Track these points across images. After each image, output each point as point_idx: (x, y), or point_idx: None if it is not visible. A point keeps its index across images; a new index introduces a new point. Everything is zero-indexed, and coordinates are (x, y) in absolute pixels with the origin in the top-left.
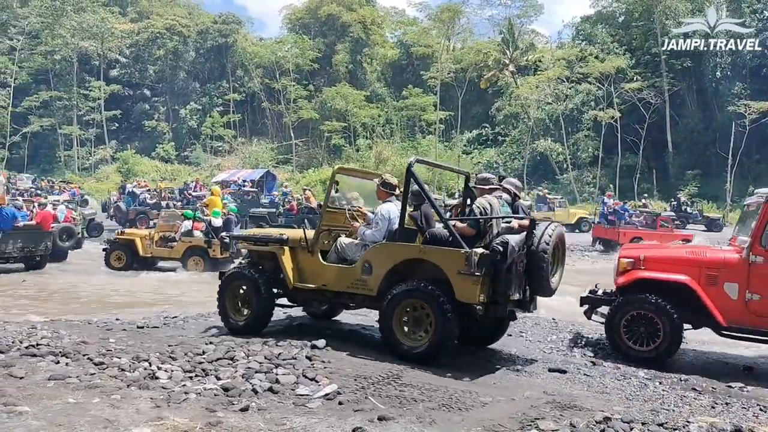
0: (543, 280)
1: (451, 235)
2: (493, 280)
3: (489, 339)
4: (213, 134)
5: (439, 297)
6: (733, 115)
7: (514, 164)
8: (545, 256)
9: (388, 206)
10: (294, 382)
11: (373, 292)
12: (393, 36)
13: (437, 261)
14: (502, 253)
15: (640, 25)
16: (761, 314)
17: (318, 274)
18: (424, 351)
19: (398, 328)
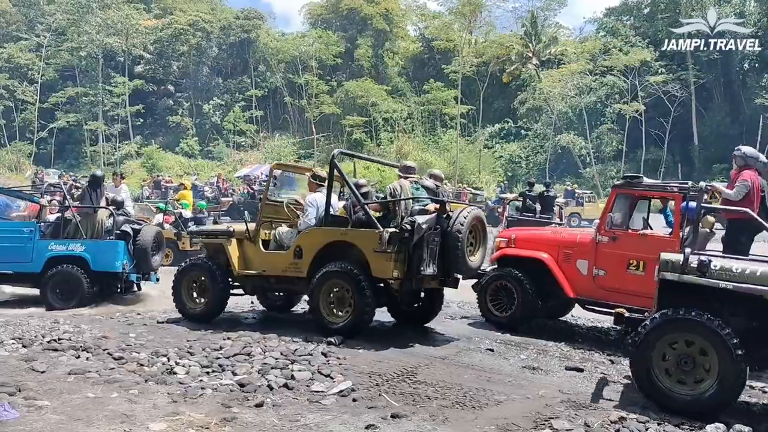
0: (458, 258)
1: (368, 218)
2: (406, 257)
3: (424, 318)
4: (235, 129)
5: (357, 276)
6: (760, 108)
7: (536, 158)
8: (459, 235)
9: (316, 195)
10: (309, 378)
11: (304, 274)
12: (415, 30)
13: (356, 241)
14: (410, 231)
15: (666, 17)
16: (605, 288)
17: (259, 261)
18: (345, 326)
19: (324, 307)
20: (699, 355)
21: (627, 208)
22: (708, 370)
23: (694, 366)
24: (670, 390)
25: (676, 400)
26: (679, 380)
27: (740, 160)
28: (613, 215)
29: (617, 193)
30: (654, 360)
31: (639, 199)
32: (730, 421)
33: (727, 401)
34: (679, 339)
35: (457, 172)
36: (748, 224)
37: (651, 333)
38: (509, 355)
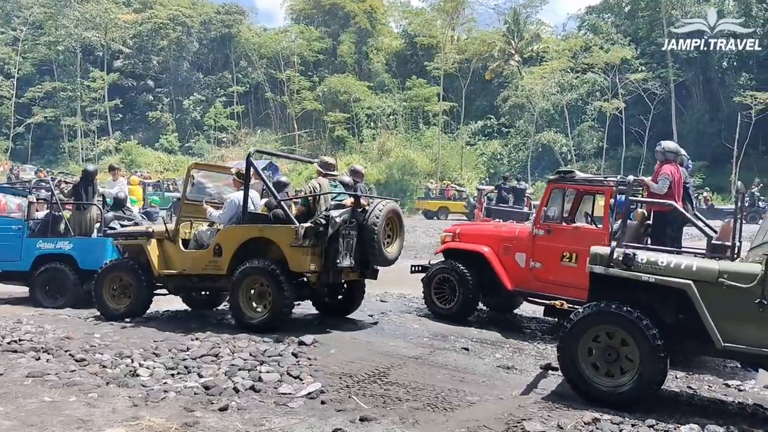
0: (375, 250)
1: (285, 214)
2: (323, 251)
3: (346, 309)
4: (216, 125)
5: (274, 271)
6: (738, 106)
7: (518, 155)
8: (375, 228)
9: (239, 194)
10: (277, 380)
11: (224, 271)
12: (397, 26)
13: (273, 237)
14: (325, 225)
15: (646, 15)
16: (541, 279)
17: (179, 260)
18: (263, 320)
19: (244, 302)
20: (621, 347)
21: (562, 202)
22: (631, 362)
23: (618, 358)
24: (594, 381)
25: (599, 391)
26: (607, 372)
27: (660, 155)
28: (548, 209)
29: (552, 187)
30: (579, 351)
31: (584, 194)
32: (704, 420)
33: (646, 393)
34: (602, 331)
35: (439, 168)
36: (672, 216)
37: (576, 325)
38: (484, 354)
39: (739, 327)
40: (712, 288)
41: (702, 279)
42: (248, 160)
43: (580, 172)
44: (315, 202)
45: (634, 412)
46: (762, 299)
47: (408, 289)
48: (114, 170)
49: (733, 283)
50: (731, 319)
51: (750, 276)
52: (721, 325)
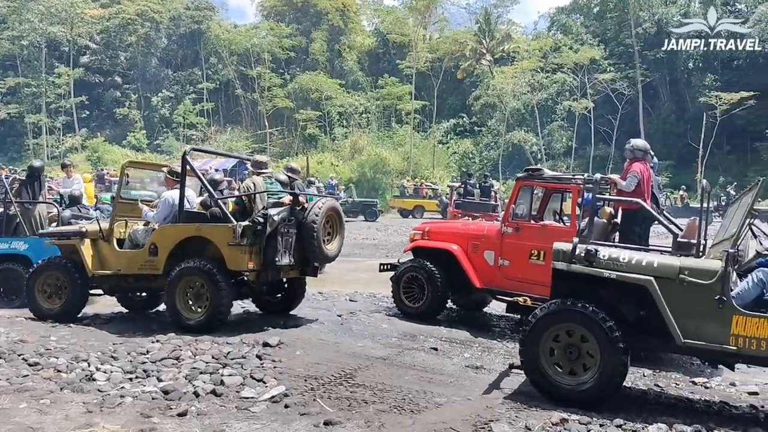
0: (315, 247)
1: (222, 213)
2: (261, 249)
3: (288, 307)
4: (185, 122)
5: (211, 270)
6: (704, 107)
7: (490, 154)
8: (314, 226)
9: (173, 192)
10: (240, 383)
11: (160, 271)
12: (370, 24)
13: (210, 236)
14: (263, 224)
15: (615, 16)
16: (510, 277)
17: (114, 260)
18: (201, 321)
19: (181, 303)
20: (582, 344)
21: (530, 200)
22: (592, 359)
23: (579, 356)
24: (556, 379)
25: (561, 390)
26: (570, 370)
27: (629, 153)
28: (517, 207)
29: (521, 185)
30: (541, 349)
31: (552, 192)
32: (672, 419)
33: (608, 390)
34: (564, 329)
35: (411, 167)
36: (640, 214)
37: (538, 323)
38: (453, 354)
39: (698, 323)
40: (673, 285)
41: (663, 275)
42: (183, 158)
43: (549, 170)
44: (251, 201)
45: (602, 412)
46: (721, 296)
47: (378, 288)
48: (67, 167)
49: (694, 279)
50: (691, 316)
51: (710, 273)
52: (681, 321)
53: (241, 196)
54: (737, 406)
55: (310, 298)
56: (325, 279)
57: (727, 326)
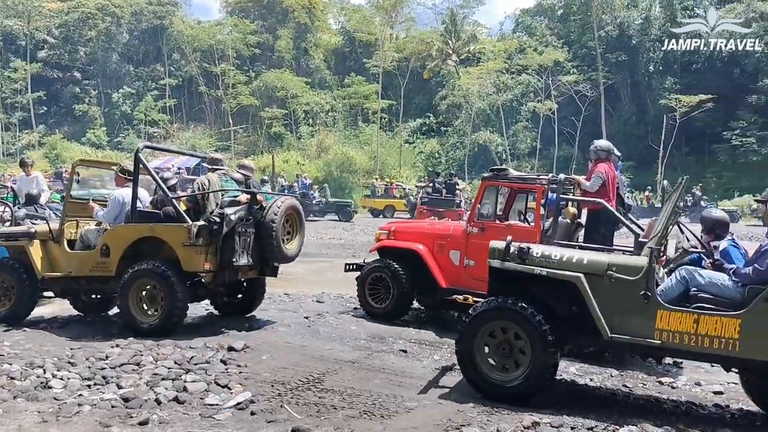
0: (274, 247)
1: (176, 212)
2: (218, 249)
3: (247, 308)
4: (147, 119)
5: (166, 272)
6: (664, 109)
7: (456, 154)
8: (273, 225)
9: (123, 191)
10: (204, 390)
11: (113, 273)
12: (336, 22)
13: (165, 236)
14: (220, 223)
15: (578, 19)
16: (475, 277)
17: (65, 262)
18: (156, 324)
19: (135, 306)
20: (515, 340)
21: (496, 199)
22: (524, 355)
23: (512, 352)
24: (489, 376)
25: (493, 385)
26: (504, 367)
27: (593, 154)
28: (482, 207)
29: (486, 185)
30: (476, 347)
31: (517, 192)
32: (642, 420)
33: (538, 386)
34: (498, 326)
35: (378, 166)
36: (603, 215)
37: (474, 320)
38: (423, 356)
39: (625, 318)
40: (602, 280)
41: (592, 272)
42: (136, 155)
43: (514, 171)
44: (205, 200)
45: (574, 414)
46: (646, 291)
47: (345, 289)
48: (25, 165)
49: (620, 276)
50: (618, 311)
51: (636, 269)
52: (609, 316)
53: (195, 194)
54: (704, 406)
55: (276, 300)
56: (292, 280)
57: (652, 321)
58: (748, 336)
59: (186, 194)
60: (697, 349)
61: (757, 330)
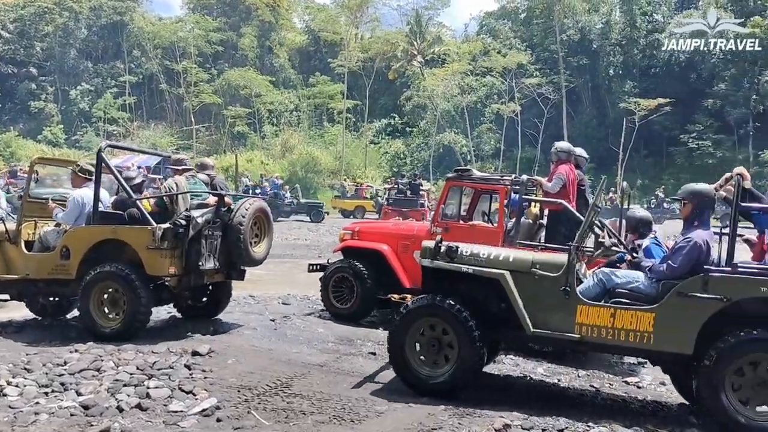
0: (241, 250)
1: (141, 214)
2: (183, 252)
3: (212, 312)
4: (106, 117)
5: (129, 275)
6: (624, 112)
7: (421, 155)
8: (241, 228)
9: (83, 191)
10: (168, 396)
11: (73, 275)
12: (301, 21)
13: (128, 239)
14: (186, 226)
15: (541, 23)
16: None
17: (22, 264)
18: (118, 329)
19: (96, 310)
20: (443, 336)
21: (459, 200)
22: (452, 350)
23: (441, 348)
24: (418, 371)
25: (421, 380)
26: (435, 362)
27: (555, 155)
28: (446, 207)
29: (450, 185)
30: (407, 342)
31: (481, 192)
32: (611, 422)
33: (464, 381)
34: (428, 323)
35: (343, 167)
36: (564, 215)
37: (404, 318)
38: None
39: (547, 313)
40: (526, 277)
41: (517, 269)
42: (98, 154)
43: (477, 171)
44: (173, 202)
45: (543, 416)
46: (566, 287)
47: (312, 290)
48: None
49: (543, 272)
50: (541, 307)
51: (557, 266)
52: (533, 312)
53: (162, 196)
54: (670, 406)
55: (241, 302)
56: (257, 281)
57: (572, 315)
58: (661, 329)
59: (151, 195)
60: (615, 342)
61: (669, 323)
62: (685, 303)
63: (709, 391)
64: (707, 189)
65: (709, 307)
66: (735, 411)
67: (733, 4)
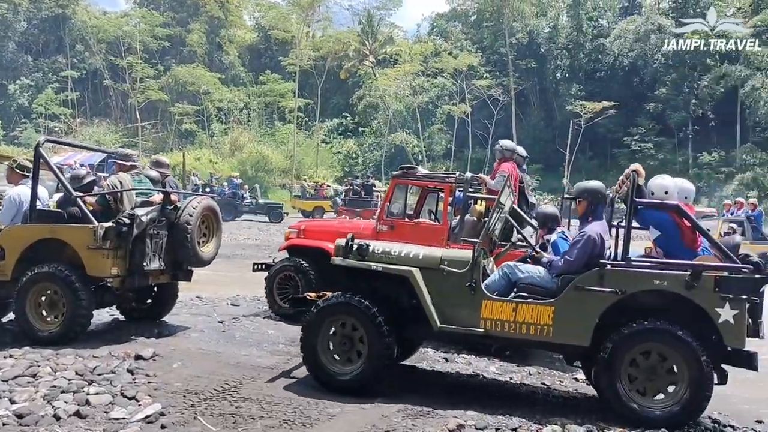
0: (188, 250)
1: (82, 212)
2: (127, 252)
3: (157, 314)
4: (47, 113)
5: (68, 276)
6: (570, 115)
7: (373, 155)
8: (188, 227)
9: (20, 189)
10: (109, 402)
11: (8, 276)
12: (251, 18)
13: (67, 239)
14: (129, 225)
15: (491, 25)
16: None
17: None
18: (56, 333)
19: (33, 313)
20: (353, 332)
21: (405, 198)
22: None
23: (352, 346)
24: (329, 368)
25: (332, 377)
26: (349, 359)
27: (499, 153)
28: (392, 205)
29: (396, 183)
30: (318, 341)
31: (429, 191)
32: (564, 419)
33: (374, 377)
34: (338, 320)
35: (294, 166)
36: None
37: (316, 316)
38: None
39: (455, 309)
40: (435, 274)
41: (427, 266)
42: (36, 150)
43: (423, 169)
44: (117, 201)
45: (496, 414)
46: (471, 282)
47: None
48: None
49: (451, 269)
50: (449, 302)
51: (464, 262)
52: (441, 308)
53: (105, 193)
54: None
55: (188, 303)
56: (205, 282)
57: (477, 310)
58: (560, 322)
59: (94, 193)
60: (517, 336)
61: (568, 316)
62: (582, 296)
63: (606, 381)
64: (599, 186)
65: (604, 299)
66: (630, 399)
67: (674, 11)
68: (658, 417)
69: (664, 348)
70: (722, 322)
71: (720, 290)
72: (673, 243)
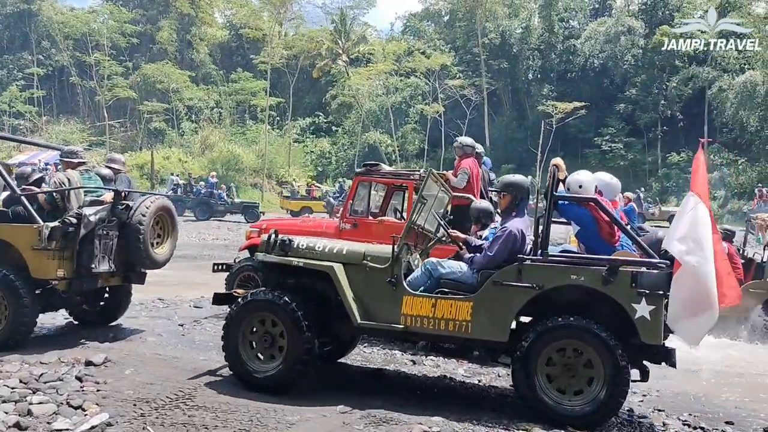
0: (140, 251)
1: (27, 211)
2: (74, 253)
3: (110, 317)
4: (11, 111)
5: (9, 278)
6: (542, 115)
7: (346, 154)
8: (141, 227)
9: None
10: (53, 412)
11: None
12: (222, 16)
13: (10, 239)
14: (76, 225)
15: (463, 26)
16: None
17: None
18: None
19: None
20: (273, 328)
21: (368, 195)
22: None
23: (273, 343)
24: (249, 366)
25: (253, 375)
26: (272, 356)
27: (459, 150)
28: (355, 203)
29: (359, 180)
30: (239, 339)
31: (394, 188)
32: (531, 424)
33: (294, 374)
34: (258, 317)
35: (266, 165)
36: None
37: (236, 314)
38: None
39: (376, 305)
40: (359, 269)
41: (350, 261)
42: None
43: (386, 166)
44: (64, 199)
45: (463, 420)
46: (392, 278)
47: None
48: None
49: (373, 264)
50: (371, 298)
51: (385, 258)
52: (363, 304)
53: (51, 191)
54: None
55: (148, 306)
56: (167, 284)
57: (398, 306)
58: (478, 318)
59: (39, 191)
60: (436, 331)
61: (486, 312)
62: (500, 291)
63: (522, 377)
64: (523, 180)
65: (522, 295)
66: (545, 395)
67: (643, 14)
68: (575, 414)
69: (579, 344)
70: (639, 317)
71: (636, 285)
72: (592, 237)
